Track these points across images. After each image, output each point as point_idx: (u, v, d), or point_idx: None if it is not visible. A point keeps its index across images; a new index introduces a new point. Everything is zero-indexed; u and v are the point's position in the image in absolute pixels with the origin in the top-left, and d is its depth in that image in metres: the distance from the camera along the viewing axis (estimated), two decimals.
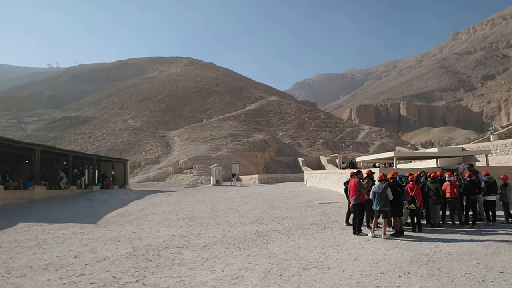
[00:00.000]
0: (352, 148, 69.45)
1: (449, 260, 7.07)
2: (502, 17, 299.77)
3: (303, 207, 16.75)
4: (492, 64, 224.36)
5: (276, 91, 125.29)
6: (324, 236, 10.05)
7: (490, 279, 5.79)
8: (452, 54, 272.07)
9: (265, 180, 43.36)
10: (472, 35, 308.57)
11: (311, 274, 6.52)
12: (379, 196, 9.64)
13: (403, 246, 8.53)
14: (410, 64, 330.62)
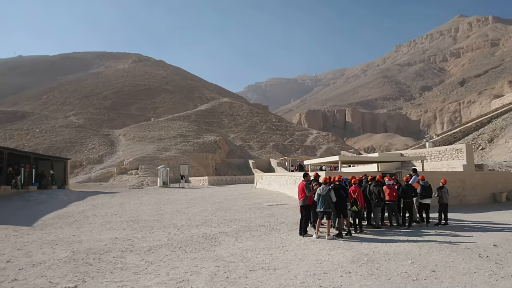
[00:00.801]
0: (301, 151, 71.19)
1: (387, 259, 7.50)
2: (440, 32, 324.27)
3: (252, 209, 16.88)
4: (430, 76, 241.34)
5: (228, 92, 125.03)
6: (272, 237, 10.21)
7: (423, 277, 6.22)
8: (394, 65, 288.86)
9: (215, 182, 43.08)
10: (413, 48, 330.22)
11: (258, 276, 6.60)
12: (323, 198, 10.00)
13: (345, 246, 8.92)
14: (356, 73, 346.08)
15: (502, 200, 19.79)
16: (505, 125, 33.92)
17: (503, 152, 28.78)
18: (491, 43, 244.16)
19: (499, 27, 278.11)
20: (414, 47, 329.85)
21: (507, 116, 36.61)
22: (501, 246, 8.40)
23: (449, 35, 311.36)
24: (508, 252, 7.74)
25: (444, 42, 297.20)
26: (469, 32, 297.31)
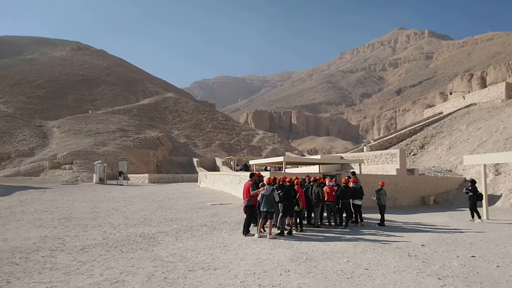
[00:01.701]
0: (247, 151, 71.55)
1: (325, 258, 7.73)
2: (381, 42, 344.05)
3: (195, 208, 16.61)
4: (370, 84, 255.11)
5: (173, 87, 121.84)
6: (213, 237, 10.10)
7: (357, 275, 6.48)
8: (338, 71, 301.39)
9: (156, 180, 41.91)
10: (356, 56, 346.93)
11: (197, 276, 6.47)
12: (266, 198, 10.08)
13: (286, 245, 9.06)
14: (302, 76, 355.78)
15: (430, 202, 21.37)
16: (435, 133, 36.75)
17: (432, 158, 31.14)
18: (426, 56, 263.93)
19: (434, 41, 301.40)
20: (357, 55, 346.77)
21: (437, 124, 39.70)
22: (428, 245, 9.01)
23: (389, 45, 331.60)
24: (434, 252, 8.32)
25: (384, 52, 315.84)
26: (407, 44, 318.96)
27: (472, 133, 31.37)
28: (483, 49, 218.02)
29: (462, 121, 37.11)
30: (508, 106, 34.41)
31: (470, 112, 38.85)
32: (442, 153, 30.99)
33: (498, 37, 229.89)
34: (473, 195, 14.28)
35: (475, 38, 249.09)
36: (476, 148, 27.22)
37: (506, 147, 24.49)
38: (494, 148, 25.18)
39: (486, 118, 33.94)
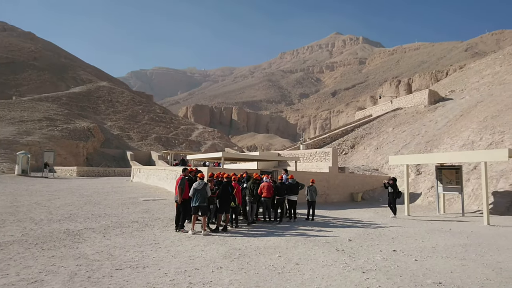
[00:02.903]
0: (185, 146, 70.23)
1: (257, 253, 7.78)
2: (319, 45, 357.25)
3: (126, 204, 15.90)
4: (308, 85, 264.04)
5: (108, 76, 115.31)
6: (144, 234, 9.71)
7: (288, 270, 6.60)
8: (278, 71, 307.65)
9: (86, 173, 39.57)
10: (295, 57, 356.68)
11: (124, 275, 6.16)
12: (198, 193, 9.91)
13: (220, 241, 8.98)
14: (244, 73, 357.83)
15: (358, 199, 22.64)
16: (365, 134, 39.01)
17: (361, 157, 33.03)
18: (360, 61, 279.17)
19: (367, 48, 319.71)
20: (297, 56, 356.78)
21: (366, 126, 42.16)
22: (355, 240, 9.50)
23: (326, 49, 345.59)
24: (360, 246, 8.78)
25: (321, 55, 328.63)
26: (343, 48, 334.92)
27: (398, 135, 33.78)
28: (410, 57, 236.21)
29: (389, 123, 39.79)
30: (430, 111, 37.58)
31: (397, 116, 41.79)
32: (370, 153, 32.97)
33: (424, 47, 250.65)
34: (392, 192, 15.32)
35: (404, 47, 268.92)
36: (401, 149, 29.35)
37: (426, 149, 26.70)
38: (416, 150, 27.33)
39: (410, 122, 36.74)
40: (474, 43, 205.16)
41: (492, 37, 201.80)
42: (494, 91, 34.33)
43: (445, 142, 26.09)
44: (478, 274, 6.47)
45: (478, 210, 16.41)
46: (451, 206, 17.97)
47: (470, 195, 18.16)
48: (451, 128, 28.44)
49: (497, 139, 21.58)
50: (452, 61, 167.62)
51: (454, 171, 16.46)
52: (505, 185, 17.32)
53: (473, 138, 23.63)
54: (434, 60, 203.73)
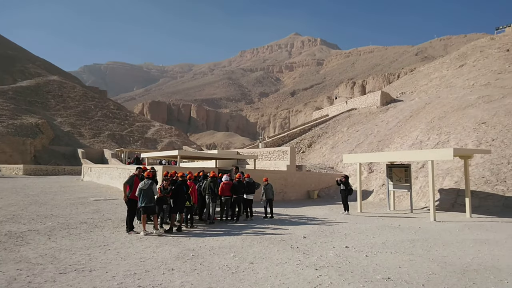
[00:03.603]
0: (140, 144, 68.25)
1: (212, 254, 7.63)
2: (279, 45, 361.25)
3: (75, 204, 15.11)
4: (268, 84, 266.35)
5: (58, 70, 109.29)
6: (93, 235, 9.25)
7: (242, 269, 6.51)
8: (238, 69, 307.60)
9: (33, 171, 37.34)
10: (255, 56, 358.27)
11: (68, 279, 5.82)
12: (145, 193, 9.55)
13: (173, 242, 8.72)
14: (203, 70, 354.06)
15: (314, 197, 23.07)
16: (321, 133, 39.93)
17: (318, 156, 33.74)
18: (317, 62, 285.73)
19: (325, 49, 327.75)
20: (257, 55, 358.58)
21: (323, 126, 43.19)
22: (309, 237, 9.60)
23: (285, 49, 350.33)
24: (314, 243, 8.88)
25: (281, 55, 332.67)
26: (302, 49, 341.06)
27: (352, 134, 34.86)
28: (365, 60, 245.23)
29: (344, 123, 40.98)
30: (382, 112, 39.13)
31: (351, 116, 43.15)
32: (326, 151, 33.78)
33: (378, 50, 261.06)
34: (345, 189, 15.75)
35: (359, 49, 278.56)
36: (354, 148, 30.31)
37: (378, 148, 27.75)
38: (369, 149, 28.33)
39: (363, 122, 38.05)
40: (424, 47, 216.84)
41: (440, 42, 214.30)
42: (441, 93, 36.37)
43: (395, 141, 27.24)
44: (424, 268, 6.74)
45: (426, 207, 17.26)
46: (400, 203, 18.76)
47: (418, 192, 19.07)
48: (401, 128, 29.76)
49: (443, 139, 22.84)
50: (404, 65, 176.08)
51: (403, 169, 17.18)
52: (450, 182, 18.35)
53: (421, 138, 24.85)
54: (387, 63, 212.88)
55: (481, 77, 35.75)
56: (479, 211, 15.26)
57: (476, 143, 20.40)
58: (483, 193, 16.59)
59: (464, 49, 55.02)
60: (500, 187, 16.61)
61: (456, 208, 16.21)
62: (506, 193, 16.18)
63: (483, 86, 32.31)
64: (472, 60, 44.45)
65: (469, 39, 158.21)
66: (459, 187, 17.39)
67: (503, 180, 16.92)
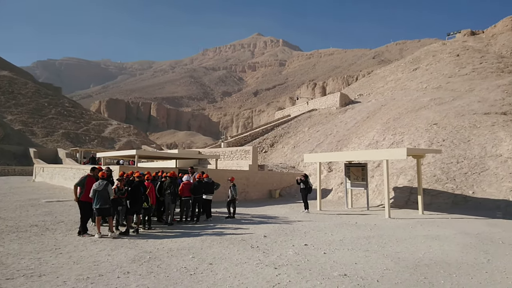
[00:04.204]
0: (97, 143, 65.79)
1: (170, 256, 7.47)
2: (241, 45, 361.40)
3: (25, 206, 14.29)
4: (231, 83, 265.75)
5: (9, 65, 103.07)
6: (44, 239, 8.78)
7: (201, 271, 6.42)
8: (200, 67, 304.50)
9: None
10: (218, 54, 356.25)
11: (16, 285, 5.52)
12: (99, 194, 9.20)
13: (129, 245, 8.45)
14: (164, 68, 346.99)
15: (276, 196, 23.28)
16: (283, 133, 40.42)
17: (280, 156, 34.12)
18: (280, 63, 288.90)
19: (287, 50, 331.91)
20: (219, 54, 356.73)
21: (285, 125, 43.73)
22: (269, 236, 9.66)
23: (248, 49, 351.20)
24: (274, 242, 8.94)
25: (244, 55, 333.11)
26: (264, 50, 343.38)
27: (313, 134, 35.56)
28: (326, 62, 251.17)
29: (305, 123, 41.72)
30: (341, 113, 40.22)
31: (312, 116, 44.01)
32: (288, 151, 34.22)
33: (338, 53, 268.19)
34: (304, 188, 16.03)
35: (320, 52, 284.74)
36: (315, 148, 30.94)
37: (337, 148, 28.50)
38: (329, 149, 29.02)
39: (323, 122, 38.93)
40: (381, 51, 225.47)
41: (396, 47, 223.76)
42: (396, 95, 37.96)
43: (353, 141, 28.10)
44: (379, 264, 6.98)
45: (381, 204, 17.94)
46: (358, 201, 19.37)
47: (374, 190, 19.78)
48: (359, 129, 30.74)
49: (398, 139, 23.84)
50: (362, 67, 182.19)
51: (360, 168, 17.75)
52: (404, 181, 19.19)
53: (377, 138, 25.79)
54: (346, 65, 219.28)
55: (433, 80, 37.68)
56: (431, 208, 16.07)
57: (428, 143, 21.46)
58: (435, 191, 17.49)
59: (418, 53, 57.74)
60: (450, 185, 17.58)
61: (410, 205, 16.97)
62: (455, 190, 17.15)
63: (435, 89, 34.08)
64: (425, 64, 46.76)
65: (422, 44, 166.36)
66: (412, 185, 18.22)
67: (452, 178, 17.92)
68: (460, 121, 23.11)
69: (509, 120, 21.88)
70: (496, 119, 22.10)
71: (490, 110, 23.97)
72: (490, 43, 49.13)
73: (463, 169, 18.30)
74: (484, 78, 32.77)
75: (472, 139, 20.56)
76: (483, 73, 34.18)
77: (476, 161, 18.60)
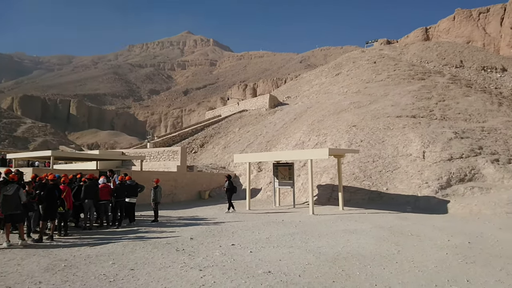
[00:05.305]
0: (8, 143, 59.65)
1: (87, 263, 7.01)
2: (170, 42, 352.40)
3: None
4: (158, 81, 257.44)
5: None
6: None
7: (121, 277, 6.11)
8: (126, 64, 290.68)
9: None
10: (145, 51, 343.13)
11: None
12: (9, 199, 8.34)
13: (42, 253, 7.77)
14: (86, 63, 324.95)
15: (205, 197, 23.09)
16: (214, 133, 40.25)
17: (210, 156, 33.90)
18: (210, 63, 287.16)
19: (217, 50, 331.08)
20: (146, 51, 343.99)
21: (216, 126, 43.59)
22: (196, 238, 9.53)
23: (177, 47, 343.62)
24: (201, 244, 8.84)
25: (173, 52, 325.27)
26: (194, 48, 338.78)
27: (243, 135, 35.94)
28: (256, 64, 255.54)
29: (235, 124, 42.01)
30: (270, 114, 41.22)
31: (242, 117, 44.47)
32: (218, 151, 34.17)
33: (268, 55, 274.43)
34: (229, 188, 16.13)
35: (250, 53, 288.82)
36: (245, 148, 31.30)
37: (267, 148, 29.14)
38: (258, 149, 29.56)
39: (254, 123, 39.56)
40: (307, 56, 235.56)
41: (321, 52, 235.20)
42: (320, 99, 39.92)
43: (281, 142, 28.97)
44: (302, 259, 7.26)
45: (306, 202, 18.72)
46: (285, 199, 20.01)
47: (300, 188, 20.59)
48: (286, 130, 31.77)
49: (321, 140, 25.08)
50: (290, 71, 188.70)
51: (287, 167, 18.37)
52: (326, 179, 20.25)
53: (303, 139, 26.89)
54: (275, 68, 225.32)
55: (353, 85, 40.28)
56: (350, 204, 17.16)
57: (348, 143, 22.90)
58: (353, 188, 18.71)
59: (340, 59, 61.33)
60: (367, 182, 18.94)
61: (331, 202, 17.96)
62: (371, 187, 18.52)
63: (355, 93, 36.46)
64: (346, 69, 49.83)
65: (344, 51, 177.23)
66: (334, 183, 19.29)
67: (369, 176, 19.33)
68: (376, 123, 25.00)
69: (417, 122, 24.22)
70: (407, 122, 24.31)
71: (402, 113, 26.29)
72: (403, 52, 53.93)
73: (378, 167, 19.83)
74: (397, 84, 35.85)
75: (386, 140, 22.38)
76: (396, 80, 37.38)
77: (389, 160, 20.28)
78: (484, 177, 17.64)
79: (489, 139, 21.47)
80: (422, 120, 24.91)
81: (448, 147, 19.80)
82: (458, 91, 31.66)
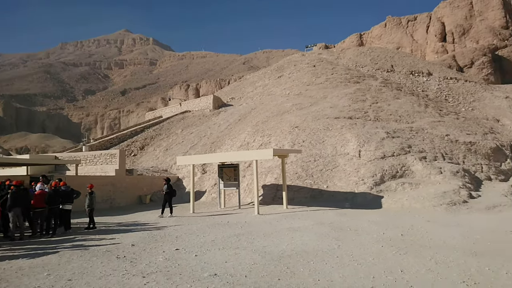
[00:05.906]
0: None
1: (20, 275, 6.46)
2: (107, 40, 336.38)
3: None
4: (94, 81, 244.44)
5: None
6: None
7: None
8: (58, 62, 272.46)
9: None
10: (79, 49, 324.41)
11: None
12: None
13: None
14: (13, 61, 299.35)
15: (146, 201, 22.32)
16: (155, 135, 39.07)
17: (151, 159, 32.84)
18: (150, 62, 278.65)
19: (158, 50, 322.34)
20: (81, 49, 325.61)
21: (157, 127, 42.33)
22: (138, 245, 9.16)
23: (115, 45, 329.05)
24: (143, 250, 8.52)
25: (110, 51, 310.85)
26: (133, 47, 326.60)
27: (186, 136, 35.32)
28: (198, 64, 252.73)
29: (178, 125, 41.17)
30: (214, 115, 40.98)
31: (185, 118, 43.70)
32: (160, 154, 33.23)
33: (210, 56, 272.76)
34: (169, 192, 15.67)
35: (192, 53, 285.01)
36: (189, 150, 30.79)
37: (211, 149, 28.91)
38: (203, 150, 29.22)
39: (197, 124, 39.06)
40: (250, 58, 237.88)
41: (263, 54, 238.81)
42: (264, 100, 40.50)
43: (226, 143, 28.92)
44: (248, 260, 7.29)
45: (251, 202, 18.87)
46: (230, 200, 19.99)
47: (246, 189, 20.70)
48: (231, 131, 31.79)
49: (266, 141, 25.45)
50: (233, 72, 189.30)
51: (232, 169, 18.37)
52: (271, 179, 20.57)
53: (248, 139, 27.09)
54: (218, 69, 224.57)
55: (295, 87, 41.39)
56: (294, 202, 17.60)
57: (291, 144, 23.48)
58: (296, 187, 19.22)
59: (281, 62, 62.70)
60: (309, 180, 19.55)
61: (276, 201, 18.29)
62: (313, 185, 19.15)
63: (296, 95, 37.49)
64: (287, 72, 51.07)
65: (286, 54, 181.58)
66: (278, 183, 19.67)
67: (311, 175, 19.97)
68: (316, 124, 25.91)
69: (354, 123, 25.50)
70: (344, 123, 25.50)
71: (340, 115, 27.53)
72: (340, 57, 56.49)
73: (319, 166, 20.57)
74: (335, 87, 37.47)
75: (326, 140, 23.28)
76: (334, 83, 39.07)
77: (329, 159, 21.13)
78: (414, 174, 19.04)
79: (417, 138, 23.22)
80: (357, 121, 26.28)
81: (381, 146, 21.08)
82: (390, 94, 33.87)
